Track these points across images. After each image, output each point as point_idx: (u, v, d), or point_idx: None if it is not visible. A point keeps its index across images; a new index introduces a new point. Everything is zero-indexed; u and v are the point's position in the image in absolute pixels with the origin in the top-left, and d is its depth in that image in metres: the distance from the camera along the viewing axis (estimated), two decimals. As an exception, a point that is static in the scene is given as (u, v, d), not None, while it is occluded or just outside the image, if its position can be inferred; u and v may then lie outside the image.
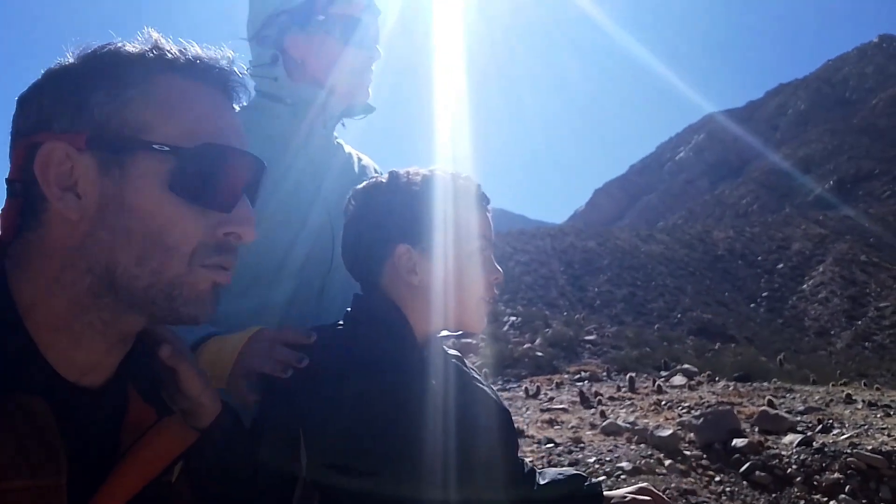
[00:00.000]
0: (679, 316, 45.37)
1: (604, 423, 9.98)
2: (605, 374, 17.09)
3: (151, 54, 1.09)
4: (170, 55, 1.10)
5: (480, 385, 1.79)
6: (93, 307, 1.04)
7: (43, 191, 1.02)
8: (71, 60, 1.07)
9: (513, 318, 26.07)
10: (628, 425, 9.79)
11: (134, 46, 1.09)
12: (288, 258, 1.96)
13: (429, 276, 1.65)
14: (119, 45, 1.08)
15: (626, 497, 1.91)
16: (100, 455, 1.07)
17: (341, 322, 1.68)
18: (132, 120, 1.04)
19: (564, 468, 2.07)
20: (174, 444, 1.17)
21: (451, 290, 1.66)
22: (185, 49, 1.12)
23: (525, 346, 20.93)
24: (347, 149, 2.33)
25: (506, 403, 1.85)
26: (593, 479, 1.98)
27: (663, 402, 11.76)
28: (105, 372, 1.11)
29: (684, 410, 10.88)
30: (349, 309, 1.71)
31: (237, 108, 2.14)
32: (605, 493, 1.94)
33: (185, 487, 1.29)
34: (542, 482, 1.91)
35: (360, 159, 2.33)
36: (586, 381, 15.92)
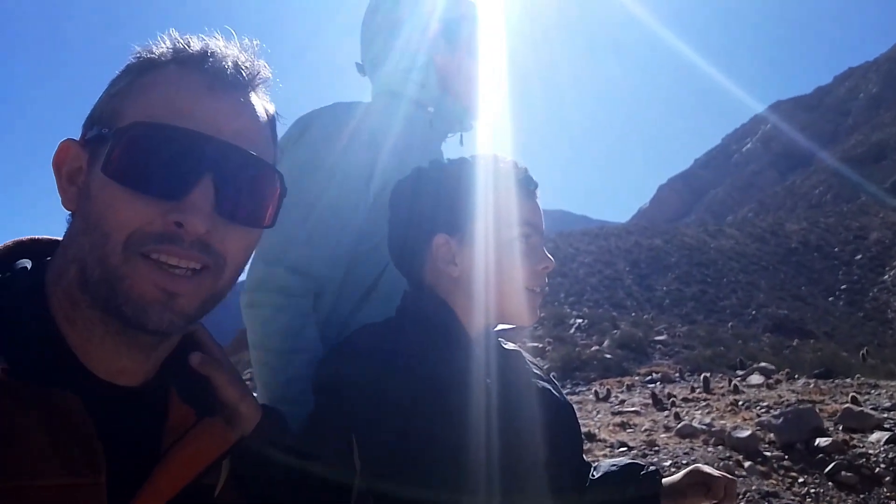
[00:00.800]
0: (753, 312, 44.03)
1: (678, 426, 9.76)
2: (677, 374, 16.70)
3: (155, 50, 1.12)
4: (164, 49, 1.11)
5: (538, 382, 1.73)
6: (81, 301, 1.05)
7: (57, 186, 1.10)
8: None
9: (579, 321, 25.75)
10: (704, 427, 9.54)
11: (143, 46, 1.13)
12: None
13: (469, 266, 1.60)
14: (141, 47, 1.13)
15: (681, 481, 1.85)
16: (141, 456, 1.08)
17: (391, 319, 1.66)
18: (110, 111, 1.08)
19: (619, 458, 1.99)
20: (214, 446, 1.16)
21: (492, 280, 1.60)
22: (184, 42, 1.11)
23: (593, 348, 20.65)
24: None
25: (570, 400, 1.80)
26: (650, 467, 1.91)
27: (740, 402, 11.44)
28: (140, 373, 1.12)
29: (763, 410, 10.55)
30: (398, 305, 1.68)
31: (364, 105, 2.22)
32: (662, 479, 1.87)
33: (233, 493, 1.27)
34: (595, 475, 1.85)
35: None
36: (658, 383, 15.60)
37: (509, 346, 1.77)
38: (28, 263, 1.11)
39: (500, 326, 1.74)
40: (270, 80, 1.18)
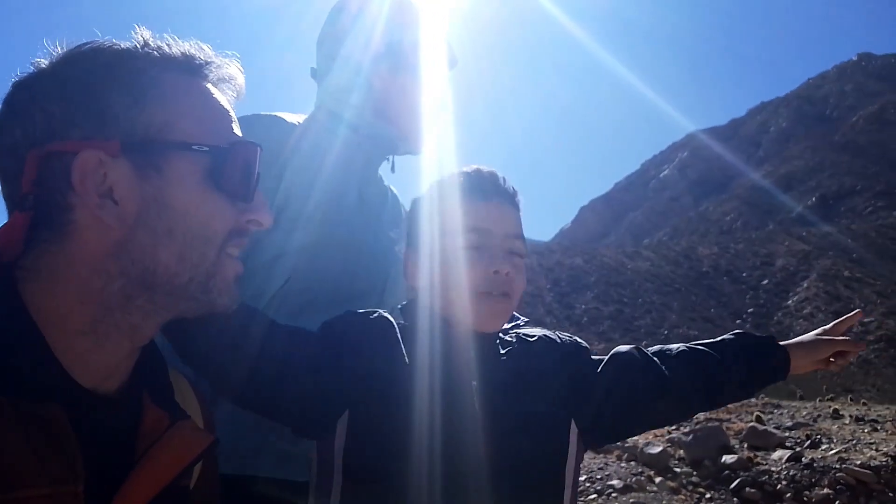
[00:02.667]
0: (666, 332, 45.57)
1: (593, 441, 9.96)
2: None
3: (154, 54, 1.10)
4: (169, 54, 1.11)
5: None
6: (120, 310, 1.05)
7: (73, 200, 1.01)
8: (63, 63, 1.05)
9: (501, 336, 26.06)
10: (618, 443, 9.77)
11: (129, 45, 1.08)
12: (344, 286, 1.94)
13: (424, 276, 1.62)
14: (112, 44, 1.08)
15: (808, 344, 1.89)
16: (116, 461, 1.07)
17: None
18: (155, 121, 1.06)
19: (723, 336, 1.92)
20: (188, 449, 1.16)
21: (438, 289, 1.62)
22: (178, 47, 1.13)
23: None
24: (386, 184, 2.31)
25: None
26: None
27: (652, 419, 11.75)
28: (119, 378, 1.12)
29: (673, 427, 10.88)
30: (402, 305, 1.73)
31: (294, 119, 2.13)
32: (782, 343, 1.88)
33: (206, 492, 1.29)
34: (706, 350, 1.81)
35: (396, 195, 2.32)
36: (575, 399, 15.87)
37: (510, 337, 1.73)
38: None
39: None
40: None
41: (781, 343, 1.88)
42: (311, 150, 2.00)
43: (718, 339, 1.88)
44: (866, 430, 9.97)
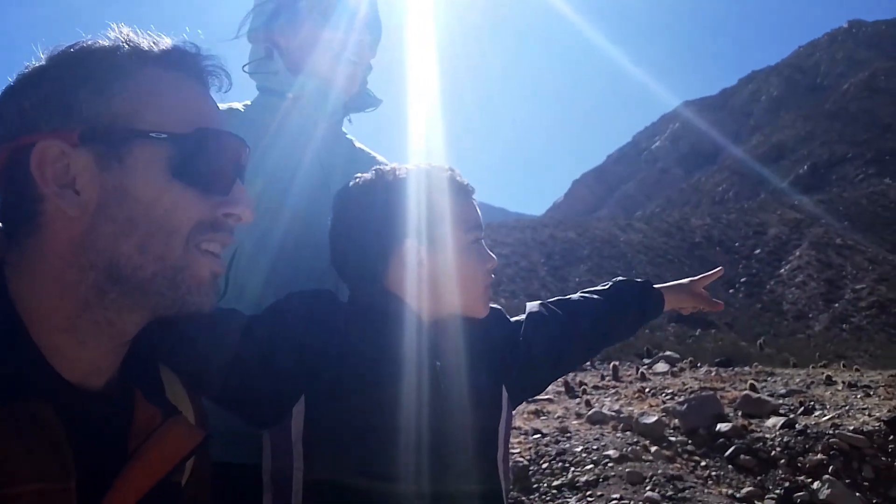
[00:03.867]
0: (659, 304, 45.73)
1: (589, 412, 10.02)
2: (588, 363, 17.16)
3: (126, 48, 1.10)
4: (144, 48, 1.11)
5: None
6: (97, 305, 1.04)
7: (40, 191, 1.02)
8: (43, 63, 1.07)
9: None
10: (613, 413, 9.83)
11: (106, 42, 1.09)
12: (299, 258, 1.92)
13: (436, 268, 1.68)
14: (91, 42, 1.09)
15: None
16: (108, 458, 1.07)
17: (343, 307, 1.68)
18: (121, 112, 1.05)
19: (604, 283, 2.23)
20: (180, 445, 1.17)
21: (455, 280, 1.70)
22: (156, 41, 1.13)
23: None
24: (358, 144, 2.25)
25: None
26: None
27: (647, 390, 11.84)
28: (107, 374, 1.12)
29: (668, 397, 10.96)
30: (353, 296, 1.72)
31: (240, 106, 2.08)
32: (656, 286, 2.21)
33: (199, 489, 1.30)
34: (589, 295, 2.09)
35: (372, 156, 2.24)
36: (570, 371, 15.96)
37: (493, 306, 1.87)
38: None
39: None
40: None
41: (655, 286, 2.20)
42: (256, 131, 1.93)
43: (608, 285, 2.16)
44: (859, 396, 10.05)
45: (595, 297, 2.07)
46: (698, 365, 15.61)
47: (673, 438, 8.73)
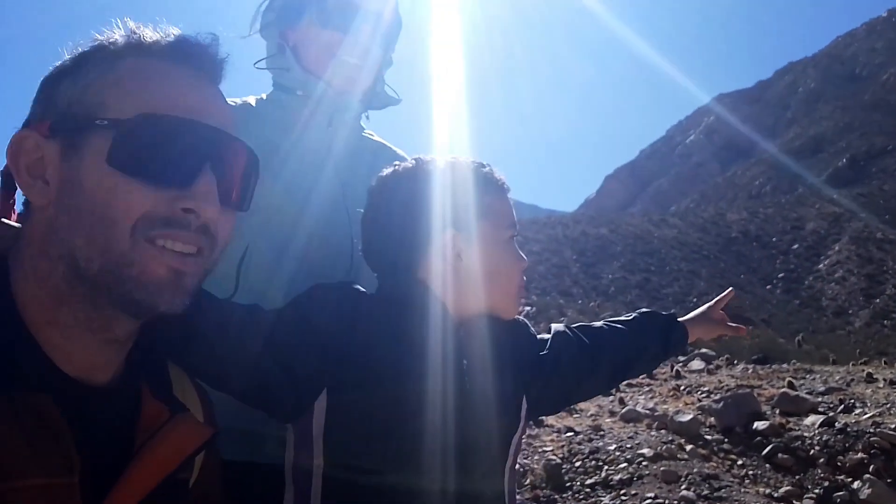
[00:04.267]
0: (695, 300, 45.10)
1: (623, 410, 9.95)
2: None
3: (118, 40, 1.09)
4: (134, 39, 1.09)
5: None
6: (70, 298, 1.03)
7: (16, 180, 1.04)
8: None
9: (527, 308, 26.04)
10: (648, 411, 9.75)
11: (101, 36, 1.10)
12: (304, 256, 1.88)
13: (473, 262, 1.66)
14: (93, 39, 1.10)
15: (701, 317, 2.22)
16: (114, 454, 1.07)
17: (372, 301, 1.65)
18: (90, 102, 1.04)
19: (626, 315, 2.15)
20: (187, 442, 1.16)
21: (491, 276, 1.67)
22: (156, 33, 1.11)
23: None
24: (377, 139, 2.23)
25: None
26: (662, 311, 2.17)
27: (682, 388, 11.71)
28: (109, 370, 1.11)
29: (704, 395, 10.83)
30: (381, 288, 1.70)
31: (253, 100, 2.08)
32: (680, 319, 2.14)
33: (208, 488, 1.29)
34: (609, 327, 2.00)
35: (392, 150, 2.21)
36: (603, 369, 15.83)
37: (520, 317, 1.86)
38: None
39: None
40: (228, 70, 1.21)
41: (679, 319, 2.14)
42: (267, 127, 1.95)
43: (632, 316, 2.08)
44: (901, 394, 9.83)
45: (619, 326, 2.02)
46: (735, 362, 15.38)
47: (709, 437, 8.62)
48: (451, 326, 1.61)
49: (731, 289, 2.38)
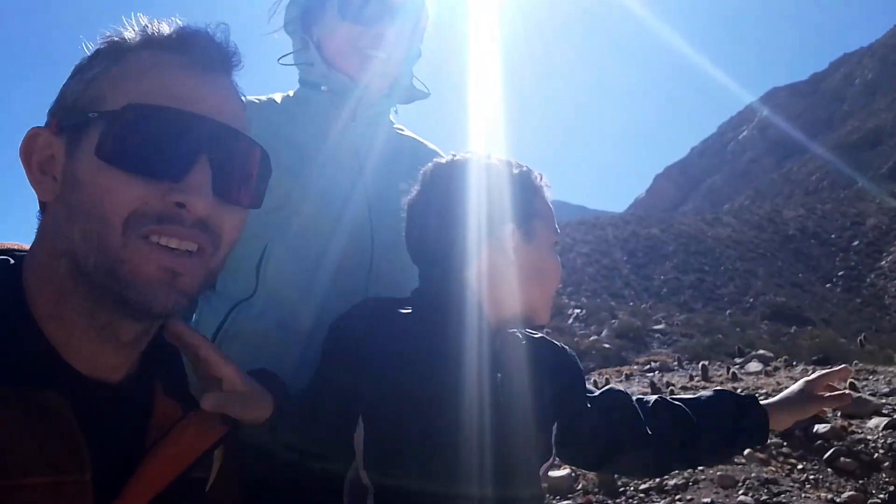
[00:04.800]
0: (751, 300, 44.07)
1: (677, 414, 9.77)
2: (676, 363, 16.74)
3: (126, 35, 1.10)
4: (142, 33, 1.10)
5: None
6: (73, 295, 1.03)
7: (27, 176, 1.06)
8: None
9: (577, 311, 25.80)
10: (703, 415, 9.55)
11: (113, 33, 1.11)
12: (323, 257, 1.86)
13: (525, 259, 1.65)
14: (105, 36, 1.11)
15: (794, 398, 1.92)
16: (126, 452, 1.07)
17: (408, 307, 1.63)
18: (90, 96, 1.05)
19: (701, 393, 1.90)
20: (201, 439, 1.15)
21: (538, 276, 1.67)
22: (160, 25, 1.10)
23: (591, 338, 20.69)
24: (408, 133, 2.21)
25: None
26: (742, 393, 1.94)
27: (739, 390, 11.43)
28: (121, 369, 1.10)
29: (761, 397, 10.54)
30: (420, 289, 1.70)
31: (279, 97, 2.04)
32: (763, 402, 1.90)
33: (227, 485, 1.28)
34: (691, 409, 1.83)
35: (423, 144, 2.20)
36: (657, 372, 15.63)
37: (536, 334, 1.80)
38: None
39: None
40: (242, 64, 1.18)
41: (762, 402, 1.87)
42: (291, 123, 1.96)
43: (698, 395, 1.89)
44: (971, 394, 9.44)
45: (680, 408, 1.84)
46: (794, 364, 14.98)
47: (767, 440, 8.42)
48: (487, 335, 1.60)
49: (843, 366, 2.09)
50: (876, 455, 7.73)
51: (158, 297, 1.02)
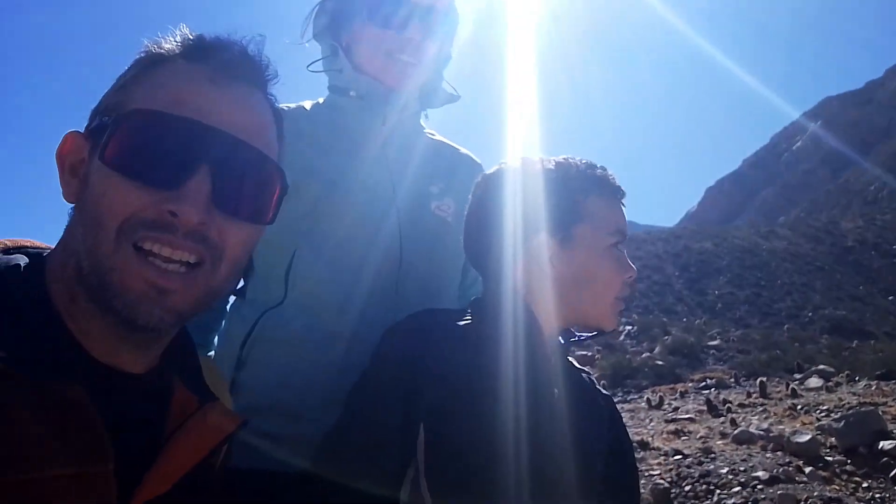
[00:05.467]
0: (810, 314, 42.75)
1: (735, 432, 9.54)
2: (732, 380, 16.36)
3: (162, 44, 1.11)
4: (173, 42, 1.11)
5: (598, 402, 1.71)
6: (80, 295, 1.03)
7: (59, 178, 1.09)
8: None
9: (629, 328, 25.42)
10: (762, 432, 9.31)
11: (151, 43, 1.12)
12: (353, 261, 1.86)
13: (565, 269, 1.61)
14: (144, 46, 1.13)
15: None
16: (146, 442, 1.08)
17: (468, 316, 1.61)
18: (116, 102, 1.07)
19: None
20: (217, 430, 1.16)
21: (587, 285, 1.61)
22: (186, 34, 1.12)
23: (644, 355, 20.36)
24: (439, 138, 2.21)
25: (622, 409, 1.77)
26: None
27: (799, 407, 11.13)
28: (142, 365, 1.11)
29: (823, 414, 10.26)
30: (476, 299, 1.68)
31: (308, 104, 2.04)
32: None
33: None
34: None
35: (454, 148, 2.20)
36: (713, 389, 15.30)
37: (576, 365, 1.74)
38: (23, 260, 1.09)
39: (581, 334, 1.75)
40: (278, 76, 1.17)
41: None
42: (322, 129, 1.97)
43: None
44: None
45: None
46: (856, 379, 14.49)
47: (829, 458, 8.15)
48: (534, 351, 1.56)
49: None
50: (947, 473, 7.43)
51: (143, 312, 1.00)
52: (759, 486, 7.37)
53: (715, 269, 51.52)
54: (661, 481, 7.75)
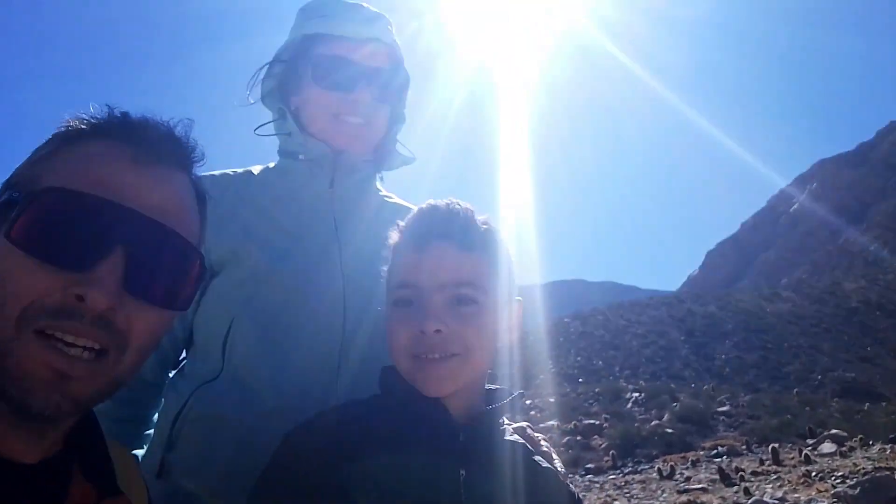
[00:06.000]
0: (819, 377, 42.24)
1: (749, 501, 9.32)
2: (744, 446, 16.06)
3: (83, 121, 1.08)
4: (98, 120, 1.08)
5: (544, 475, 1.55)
6: None
7: None
8: None
9: (636, 395, 25.09)
10: (777, 501, 9.10)
11: (69, 120, 1.09)
12: (291, 331, 1.78)
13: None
14: (62, 122, 1.10)
15: None
16: None
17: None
18: (28, 176, 1.03)
19: None
20: None
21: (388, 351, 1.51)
22: (109, 113, 1.08)
23: (653, 423, 20.04)
24: (395, 201, 2.14)
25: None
26: None
27: (813, 473, 10.89)
28: (35, 453, 1.03)
29: (838, 480, 10.03)
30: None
31: (257, 169, 2.02)
32: None
33: None
34: None
35: (401, 206, 2.10)
36: (724, 457, 15.00)
37: (513, 437, 1.55)
38: None
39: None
40: (204, 158, 1.15)
41: None
42: (269, 194, 1.93)
43: None
44: None
45: None
46: (870, 443, 14.22)
47: (848, 527, 7.93)
48: (442, 422, 1.44)
49: None
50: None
51: (38, 398, 0.93)
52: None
53: (721, 333, 51.19)
54: (677, 556, 7.54)
